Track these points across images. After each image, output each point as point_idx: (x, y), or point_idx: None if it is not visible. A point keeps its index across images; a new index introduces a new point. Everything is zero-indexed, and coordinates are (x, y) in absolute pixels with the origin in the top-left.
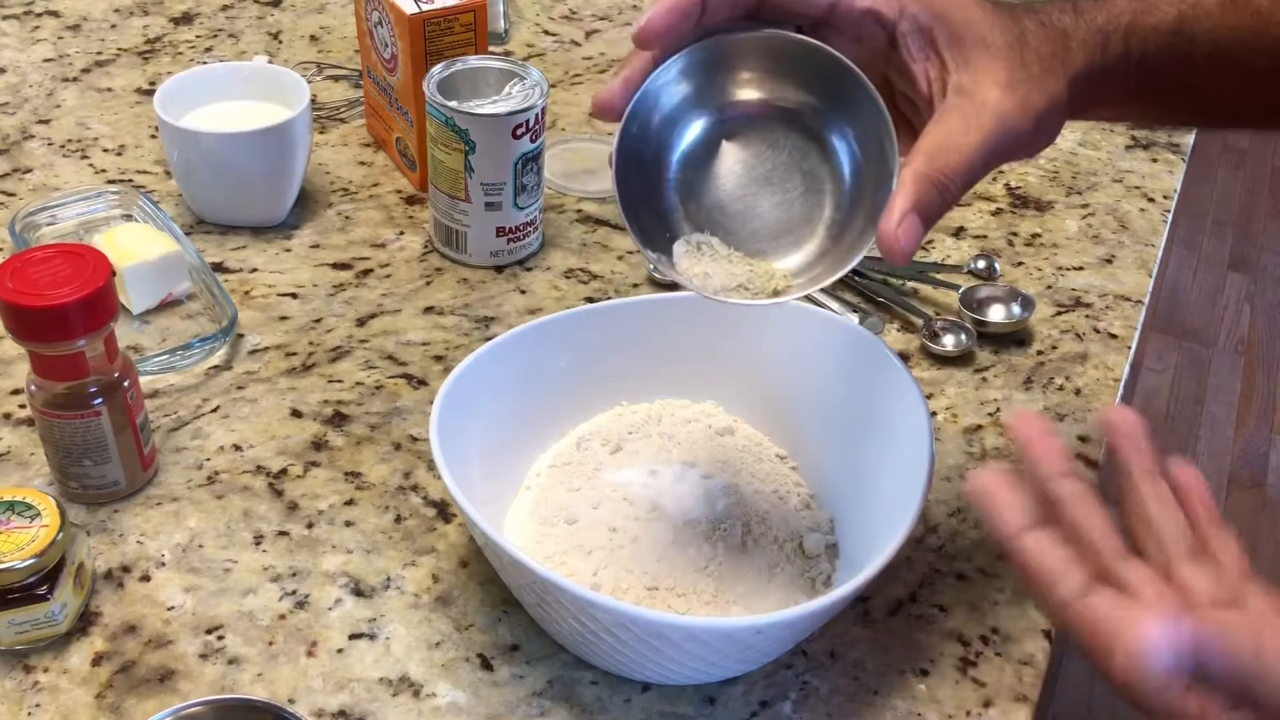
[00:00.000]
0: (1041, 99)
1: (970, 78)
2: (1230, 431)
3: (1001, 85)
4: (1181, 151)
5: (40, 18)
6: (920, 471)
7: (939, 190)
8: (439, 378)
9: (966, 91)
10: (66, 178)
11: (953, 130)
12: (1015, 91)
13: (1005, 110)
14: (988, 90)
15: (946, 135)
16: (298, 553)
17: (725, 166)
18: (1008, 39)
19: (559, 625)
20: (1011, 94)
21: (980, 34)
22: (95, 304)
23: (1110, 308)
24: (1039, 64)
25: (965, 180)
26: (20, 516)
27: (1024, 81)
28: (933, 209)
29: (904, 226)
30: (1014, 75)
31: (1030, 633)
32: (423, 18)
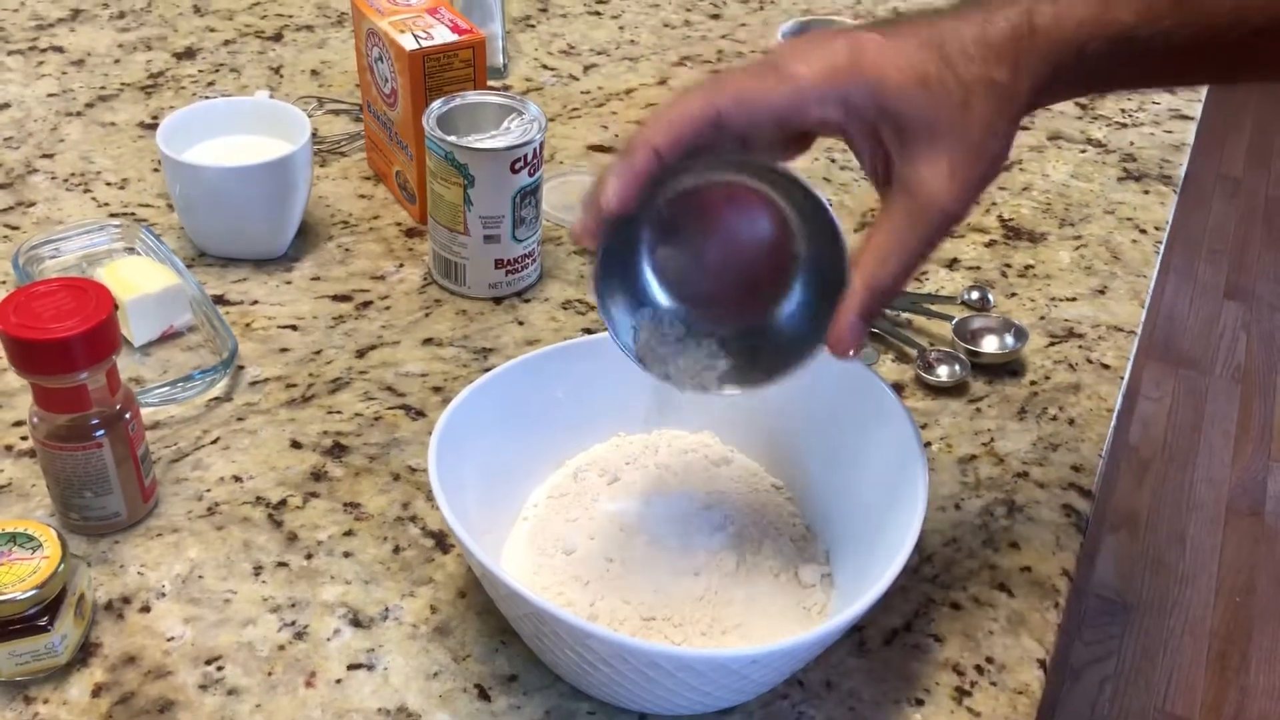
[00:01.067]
0: (982, 166)
1: (913, 171)
2: (1228, 459)
3: (944, 175)
4: (1173, 183)
5: (45, 53)
6: (915, 501)
7: (884, 295)
8: (438, 409)
9: (909, 188)
10: (70, 211)
11: (897, 229)
12: (957, 178)
13: (946, 205)
14: (930, 184)
15: (891, 236)
16: (297, 583)
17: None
18: (951, 118)
19: (556, 656)
20: (953, 182)
21: (925, 123)
22: (97, 337)
23: (1103, 338)
24: (981, 131)
25: (909, 276)
26: (22, 548)
27: (965, 160)
28: (877, 310)
29: (853, 330)
30: (956, 159)
31: (1025, 662)
32: (422, 53)
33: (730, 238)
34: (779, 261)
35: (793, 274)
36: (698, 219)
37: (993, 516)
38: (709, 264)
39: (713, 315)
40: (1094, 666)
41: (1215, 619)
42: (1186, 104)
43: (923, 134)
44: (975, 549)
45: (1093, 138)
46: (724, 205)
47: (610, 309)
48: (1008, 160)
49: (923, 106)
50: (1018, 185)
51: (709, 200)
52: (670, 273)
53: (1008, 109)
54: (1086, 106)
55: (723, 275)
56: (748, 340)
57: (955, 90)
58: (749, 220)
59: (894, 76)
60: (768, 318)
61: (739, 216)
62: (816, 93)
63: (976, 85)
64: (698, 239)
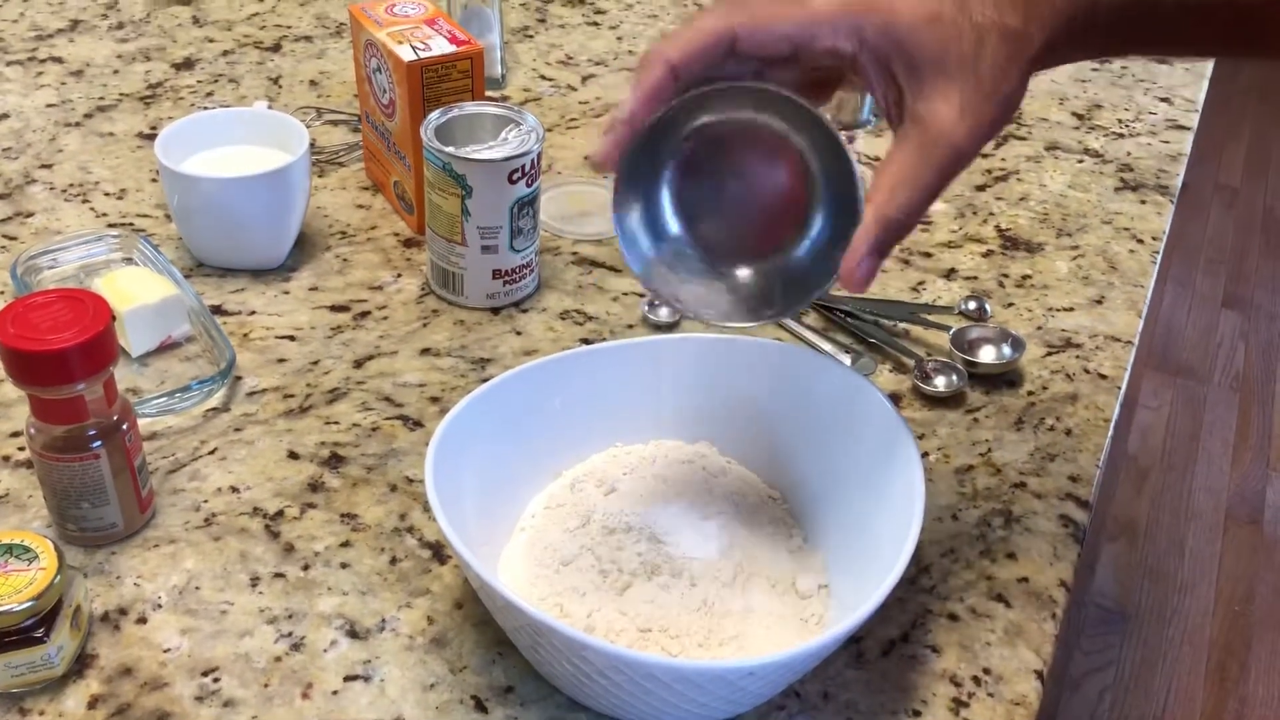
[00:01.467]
0: (993, 109)
1: (925, 106)
2: (1226, 468)
3: (955, 112)
4: (1170, 193)
5: (44, 64)
6: (912, 512)
7: (897, 227)
8: (435, 419)
9: (921, 121)
10: (68, 221)
11: (908, 164)
12: (968, 117)
13: (957, 142)
14: (941, 120)
15: (903, 170)
16: (294, 594)
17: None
18: (962, 58)
19: (553, 667)
20: (964, 120)
21: (936, 58)
22: (94, 349)
23: (1100, 348)
24: (993, 73)
25: (921, 210)
26: (18, 559)
27: (976, 101)
28: (890, 244)
29: (865, 264)
30: (966, 97)
31: (1023, 673)
32: (420, 64)
33: (749, 175)
34: (797, 199)
35: (810, 211)
36: (717, 156)
37: (990, 527)
38: (728, 200)
39: (729, 250)
40: (1093, 676)
41: (1214, 628)
42: (1183, 114)
43: (935, 70)
44: (972, 560)
45: (1090, 148)
46: (743, 143)
47: (627, 235)
48: (1019, 110)
49: (934, 43)
50: (1015, 195)
51: (729, 138)
52: (689, 207)
53: (1019, 55)
54: (1083, 117)
55: (741, 212)
56: (763, 276)
57: (968, 31)
58: (767, 158)
59: (906, 13)
60: (784, 254)
61: (758, 154)
62: (830, 21)
63: (989, 29)
64: (717, 176)
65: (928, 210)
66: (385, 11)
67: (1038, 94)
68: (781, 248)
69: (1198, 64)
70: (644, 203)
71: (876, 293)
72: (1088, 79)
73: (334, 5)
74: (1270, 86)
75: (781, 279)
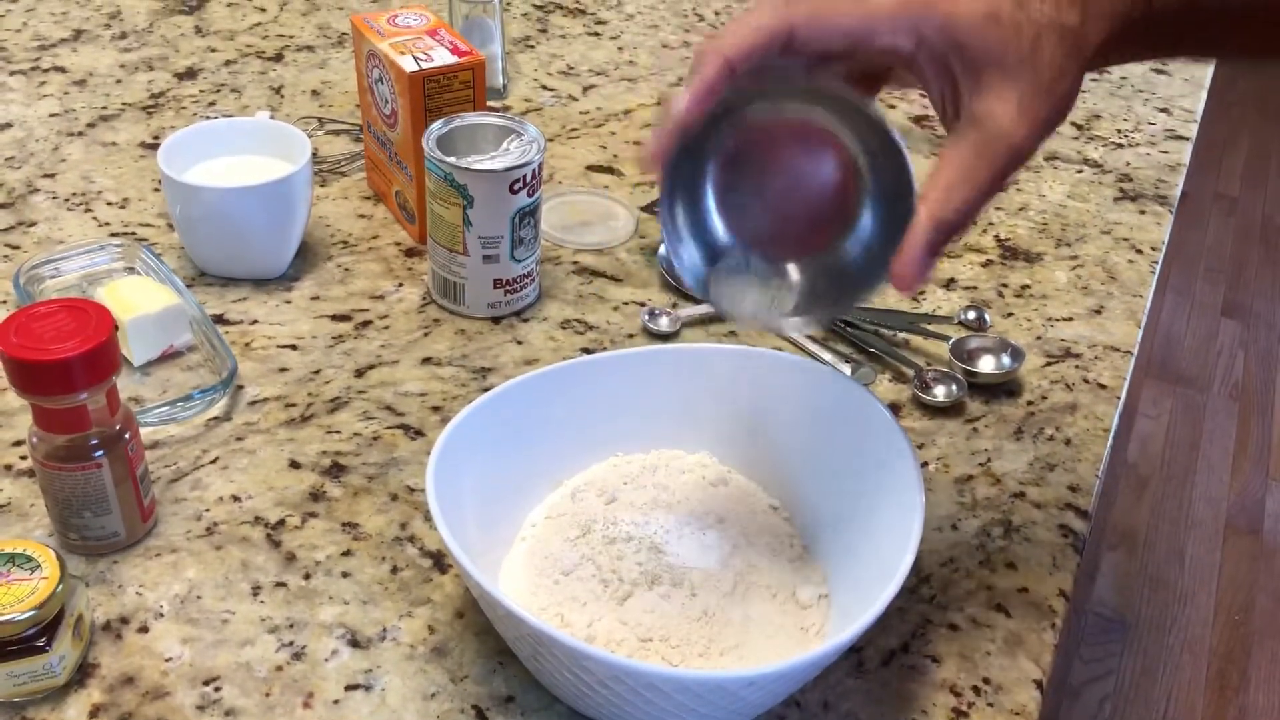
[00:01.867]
0: (1050, 107)
1: (983, 105)
2: (1226, 477)
3: (1013, 110)
4: (1169, 203)
5: (47, 73)
6: (912, 522)
7: (951, 228)
8: (436, 428)
9: (979, 121)
10: (70, 231)
11: (964, 162)
12: (1026, 115)
13: (1016, 141)
14: (999, 118)
15: (959, 169)
16: (295, 604)
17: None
18: (1020, 56)
19: (554, 677)
20: (1022, 119)
21: (995, 57)
22: (97, 358)
23: (1099, 358)
24: (1051, 71)
25: (977, 211)
26: (20, 568)
27: (1035, 99)
28: (944, 244)
29: (918, 264)
30: (1025, 95)
31: (1022, 683)
32: (422, 75)
33: (796, 172)
34: (845, 196)
35: (858, 209)
36: (764, 152)
37: (990, 537)
38: (774, 198)
39: (776, 250)
40: (1093, 685)
41: (1214, 637)
42: (1182, 124)
43: (993, 68)
44: (972, 569)
45: (1089, 158)
46: (790, 139)
47: (673, 234)
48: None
49: (993, 41)
50: (1014, 205)
51: (775, 133)
52: (735, 206)
53: (1076, 54)
54: (1082, 127)
55: (788, 210)
56: (810, 276)
57: (1026, 29)
58: (815, 154)
59: (965, 11)
60: (832, 253)
61: (805, 150)
62: (889, 19)
63: (1047, 27)
64: (763, 173)
65: (983, 209)
66: (387, 22)
67: None
68: (828, 248)
69: (1196, 75)
70: (689, 202)
71: (876, 302)
72: (1086, 89)
73: (336, 15)
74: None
75: (829, 279)
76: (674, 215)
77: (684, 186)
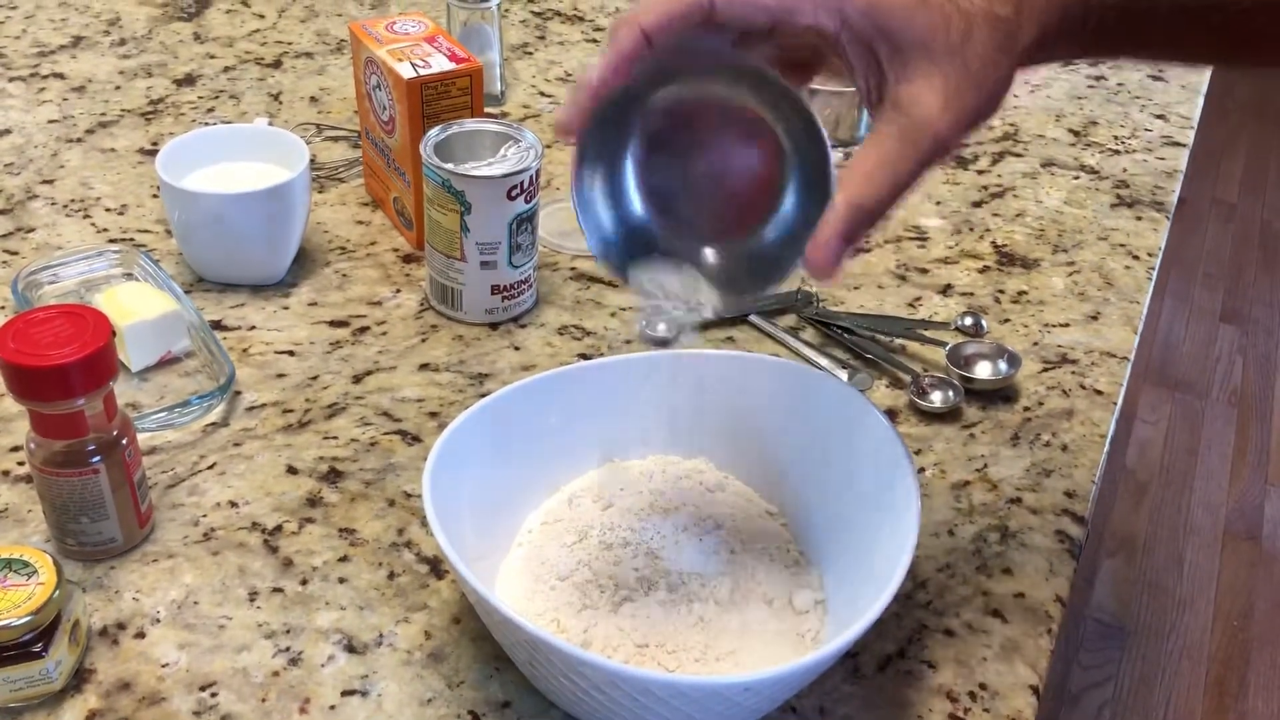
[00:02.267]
0: (979, 98)
1: (908, 91)
2: (1225, 483)
3: (939, 98)
4: (1166, 210)
5: (46, 79)
6: (908, 528)
7: (868, 215)
8: (433, 434)
9: (903, 107)
10: (69, 237)
11: (886, 150)
12: (951, 105)
13: (940, 130)
14: (924, 107)
15: (880, 156)
16: (292, 609)
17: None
18: (949, 44)
19: (550, 683)
20: (948, 109)
21: (922, 43)
22: (95, 364)
23: (1096, 364)
24: (981, 61)
25: (894, 199)
26: (17, 574)
27: (962, 89)
28: (860, 232)
29: (831, 250)
30: (951, 84)
31: (1018, 688)
32: (420, 81)
33: (720, 154)
34: (768, 181)
35: (781, 194)
36: (687, 133)
37: (986, 543)
38: (695, 178)
39: (695, 231)
40: (1092, 691)
41: (1213, 644)
42: (1179, 131)
43: (919, 55)
44: (969, 575)
45: (1085, 164)
46: (716, 120)
47: (586, 209)
48: (1003, 104)
49: (920, 27)
50: (1011, 212)
51: (701, 114)
52: (654, 184)
53: (1009, 45)
54: (1079, 134)
55: (709, 191)
56: (729, 259)
57: (955, 18)
58: (739, 135)
59: None
60: (752, 238)
61: (730, 132)
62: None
63: (978, 16)
64: (685, 152)
65: (902, 198)
66: (385, 29)
67: (1034, 110)
68: (750, 231)
69: (1193, 81)
70: (606, 176)
71: (873, 308)
72: (1084, 95)
73: (335, 22)
74: (1267, 102)
75: (749, 263)
76: (588, 185)
77: (604, 159)
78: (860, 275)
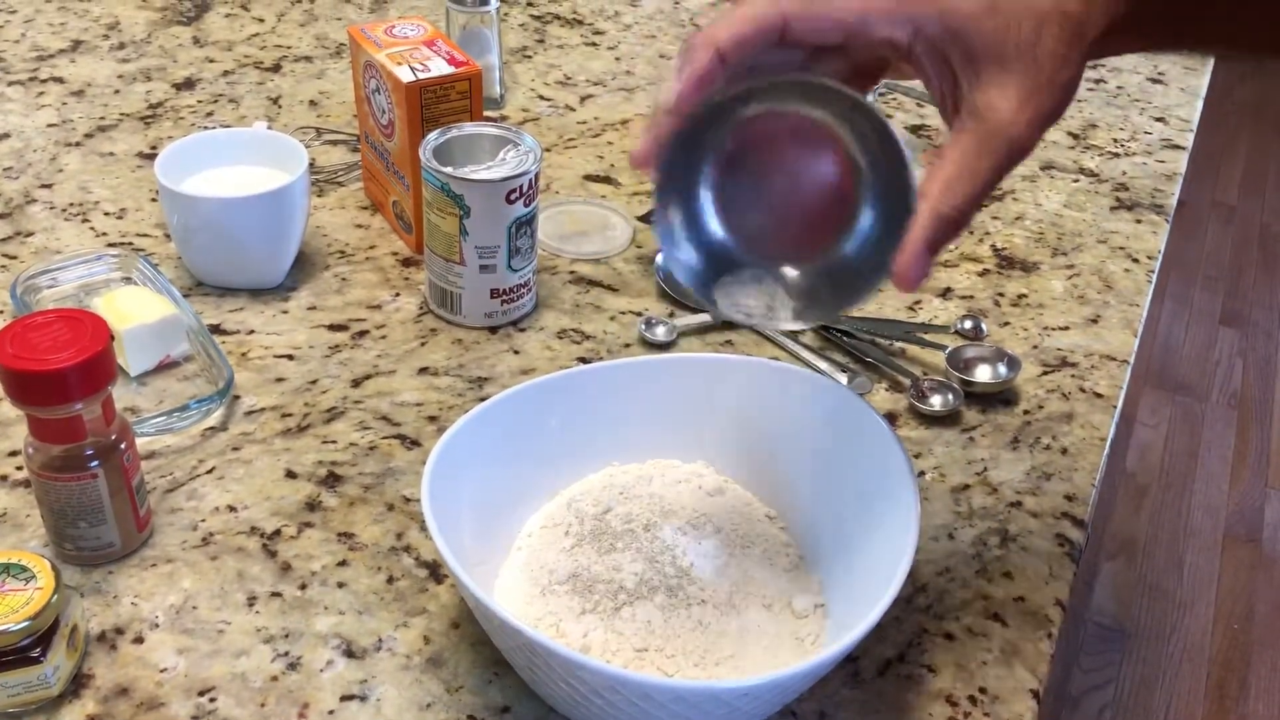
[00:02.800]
0: (1053, 98)
1: (983, 97)
2: (1225, 486)
3: (1014, 103)
4: (1165, 213)
5: (45, 83)
6: (908, 531)
7: (953, 224)
8: (432, 438)
9: (979, 114)
10: (68, 241)
11: (965, 157)
12: (1027, 107)
13: (1017, 134)
14: (1000, 111)
15: (959, 163)
16: (290, 614)
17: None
18: (1020, 47)
19: (549, 687)
20: (1023, 111)
21: (994, 48)
22: (93, 369)
23: (1096, 367)
24: (1052, 60)
25: (977, 206)
26: (15, 579)
27: (1035, 89)
28: (945, 241)
29: (919, 262)
30: (1025, 87)
31: (1019, 692)
32: (419, 85)
33: (795, 171)
34: (844, 196)
35: (858, 209)
36: (762, 152)
37: (986, 546)
38: (772, 197)
39: (774, 250)
40: (1093, 694)
41: (1214, 646)
42: (1178, 134)
43: (993, 61)
44: (968, 579)
45: (1085, 167)
46: (789, 138)
47: (668, 237)
48: (1077, 95)
49: (993, 33)
50: (1010, 215)
51: (774, 132)
52: (731, 205)
53: (1079, 42)
54: (1079, 137)
55: (786, 209)
56: (810, 276)
57: (1026, 19)
58: (814, 153)
59: (963, 2)
60: (832, 254)
61: (804, 149)
62: (885, 10)
63: (1048, 15)
64: (762, 173)
65: (982, 204)
66: (384, 33)
67: None
68: (828, 248)
69: (1193, 84)
70: (684, 202)
71: (872, 311)
72: (1083, 98)
73: (334, 26)
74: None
75: (829, 278)
76: (669, 213)
77: (680, 186)
78: None
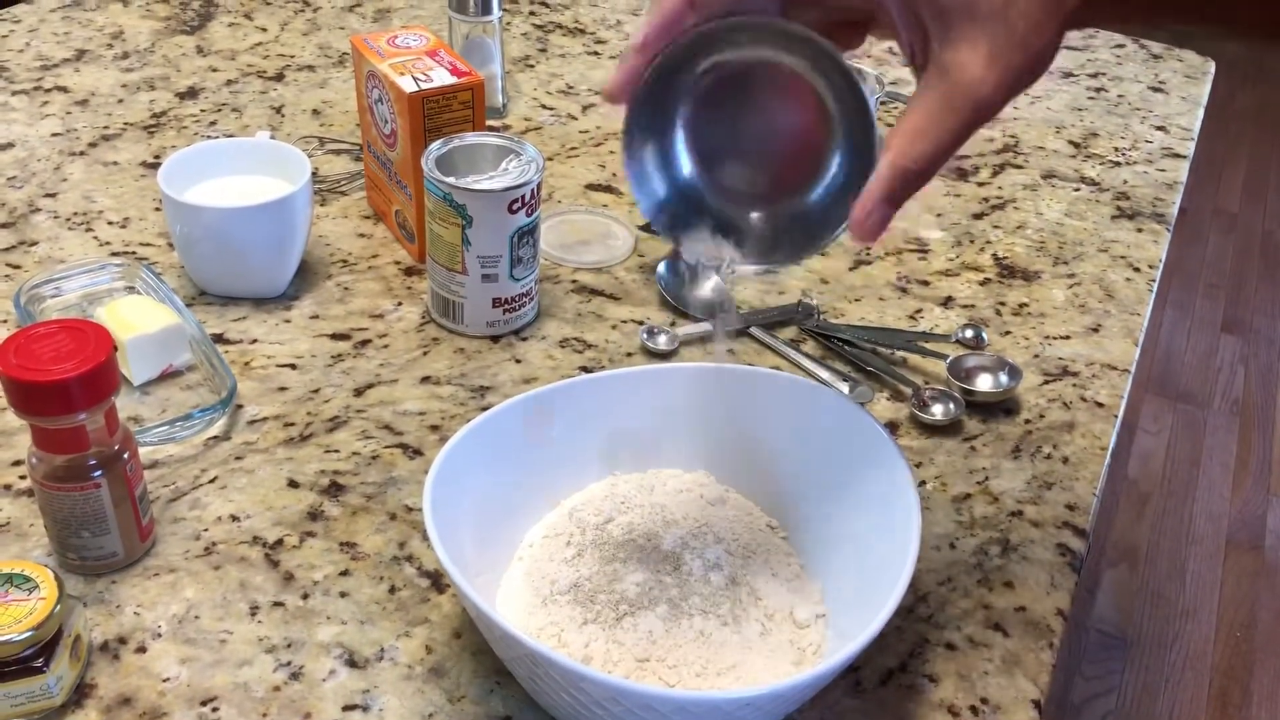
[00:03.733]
0: (1024, 60)
1: (952, 54)
2: (1227, 493)
3: (982, 61)
4: (1166, 221)
5: (49, 93)
6: (909, 541)
7: (913, 178)
8: (435, 447)
9: (946, 70)
10: (71, 250)
11: (929, 113)
12: (995, 67)
13: (984, 93)
14: (968, 69)
15: (924, 118)
16: (293, 623)
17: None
18: (993, 6)
19: (551, 698)
20: (991, 70)
21: (967, 5)
22: (96, 379)
23: (1097, 376)
24: (1026, 22)
25: (939, 162)
26: (18, 589)
27: (1006, 49)
28: (904, 195)
29: (876, 213)
30: (995, 46)
31: (1020, 703)
32: (422, 95)
33: (765, 116)
34: (814, 143)
35: (827, 157)
36: (734, 95)
37: (987, 556)
38: (743, 141)
39: (742, 192)
40: (1095, 702)
41: (1216, 654)
42: (1179, 143)
43: (964, 16)
44: (970, 588)
45: (1086, 176)
46: (761, 82)
47: (637, 172)
48: (1052, 65)
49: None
50: (1011, 224)
51: (747, 76)
52: (702, 147)
53: (1056, 8)
54: (1080, 146)
55: (756, 154)
56: (774, 221)
57: None
58: (786, 99)
59: None
60: (797, 199)
61: (776, 95)
62: None
63: None
64: (733, 115)
65: (945, 161)
66: (387, 43)
67: (1034, 122)
68: (795, 192)
69: (1194, 93)
70: (656, 141)
71: (873, 321)
72: (1084, 107)
73: (337, 36)
74: (1267, 111)
75: (792, 224)
76: (639, 148)
77: (654, 124)
78: (861, 287)
